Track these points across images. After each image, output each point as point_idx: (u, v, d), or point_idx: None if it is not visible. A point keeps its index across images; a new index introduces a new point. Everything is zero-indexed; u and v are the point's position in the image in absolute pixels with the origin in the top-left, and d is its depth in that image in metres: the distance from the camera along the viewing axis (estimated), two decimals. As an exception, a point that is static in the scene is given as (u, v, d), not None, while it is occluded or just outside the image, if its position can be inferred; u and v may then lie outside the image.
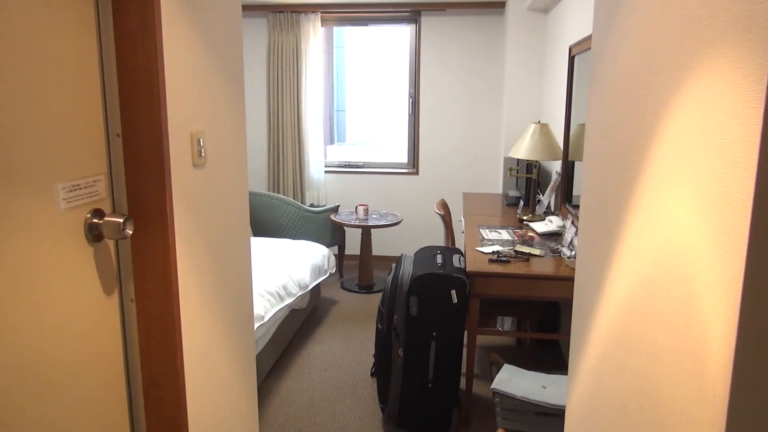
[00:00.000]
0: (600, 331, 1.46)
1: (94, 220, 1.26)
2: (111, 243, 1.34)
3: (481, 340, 3.82)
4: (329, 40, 9.74)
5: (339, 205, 4.91)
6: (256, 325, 2.86)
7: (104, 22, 1.27)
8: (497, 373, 2.43)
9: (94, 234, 1.27)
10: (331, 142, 8.54)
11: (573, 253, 2.74)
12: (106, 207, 1.32)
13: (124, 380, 1.40)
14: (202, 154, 1.51)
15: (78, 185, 1.21)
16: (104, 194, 1.31)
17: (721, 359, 0.81)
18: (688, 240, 0.92)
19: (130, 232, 1.28)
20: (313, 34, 5.00)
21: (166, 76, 1.32)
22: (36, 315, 1.11)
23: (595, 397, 1.48)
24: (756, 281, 0.75)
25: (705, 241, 0.86)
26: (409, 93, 5.23)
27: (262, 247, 3.96)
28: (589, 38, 3.01)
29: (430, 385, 2.74)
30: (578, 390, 1.67)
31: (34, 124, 1.09)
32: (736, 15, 0.79)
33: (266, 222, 4.76)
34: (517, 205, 4.11)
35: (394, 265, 3.00)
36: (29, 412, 1.09)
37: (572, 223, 3.12)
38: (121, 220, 1.26)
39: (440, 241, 5.41)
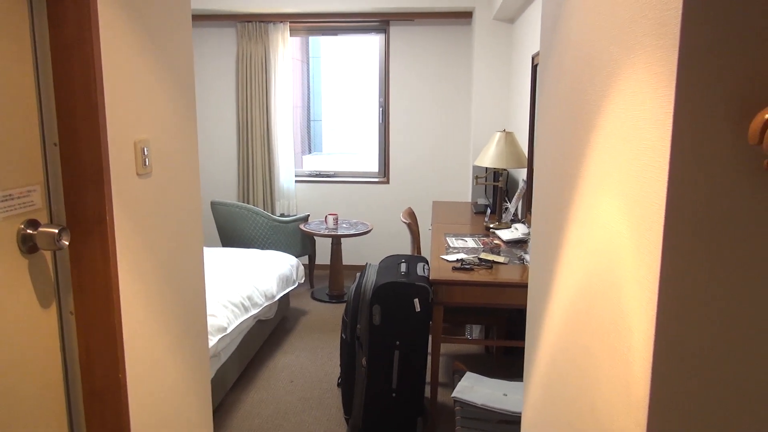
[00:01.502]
0: (548, 338, 1.46)
1: (28, 231, 1.23)
2: (48, 254, 1.31)
3: (450, 348, 3.82)
4: (304, 50, 9.75)
5: (309, 215, 4.89)
6: (218, 336, 2.82)
7: (39, 30, 1.24)
8: (459, 380, 2.42)
9: (28, 245, 1.24)
10: (308, 151, 8.53)
11: (535, 260, 2.75)
12: (43, 217, 1.29)
13: (64, 394, 1.37)
14: (147, 163, 1.48)
15: (10, 195, 1.18)
16: (40, 204, 1.28)
17: (643, 363, 0.81)
18: (615, 245, 0.93)
19: (66, 243, 1.25)
20: (282, 43, 5.00)
21: (105, 84, 1.30)
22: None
23: (545, 404, 1.48)
24: (672, 282, 0.76)
25: (629, 246, 0.87)
26: (379, 102, 5.24)
27: (228, 258, 3.92)
28: (549, 47, 3.04)
29: (394, 394, 2.72)
30: (531, 397, 1.67)
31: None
32: (652, 21, 0.80)
33: (235, 232, 4.72)
34: (485, 213, 4.13)
35: (358, 275, 2.99)
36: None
37: (536, 230, 3.13)
38: (56, 231, 1.23)
39: (409, 250, 5.41)
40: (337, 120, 13.34)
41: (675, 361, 0.78)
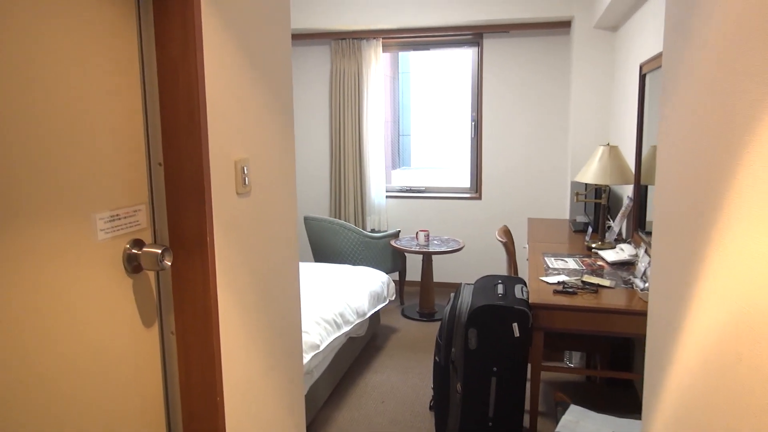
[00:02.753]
0: (678, 378, 1.29)
1: (133, 251, 1.23)
2: (151, 274, 1.31)
3: (547, 375, 3.61)
4: (394, 65, 9.81)
5: (400, 231, 4.84)
6: (311, 354, 2.80)
7: (147, 49, 1.25)
8: (562, 414, 2.25)
9: (132, 265, 1.24)
10: (396, 166, 8.53)
11: (647, 284, 2.53)
12: (147, 237, 1.29)
13: (164, 415, 1.36)
14: (246, 182, 1.47)
15: (117, 215, 1.19)
16: (145, 224, 1.28)
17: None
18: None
19: (169, 263, 1.24)
20: (375, 59, 5.01)
21: (208, 103, 1.29)
22: (75, 348, 1.08)
23: (673, 453, 1.31)
24: None
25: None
26: (472, 116, 5.13)
27: (320, 274, 3.93)
28: (659, 56, 2.82)
29: (490, 424, 2.58)
30: (653, 441, 1.50)
31: (75, 154, 1.08)
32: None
33: (327, 247, 4.74)
34: (585, 231, 3.90)
35: (452, 295, 2.88)
36: (58, 450, 1.06)
37: (645, 251, 2.90)
38: (160, 251, 1.22)
39: (503, 268, 5.22)
40: (426, 134, 13.31)
41: None
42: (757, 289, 0.87)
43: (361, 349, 3.95)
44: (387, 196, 5.32)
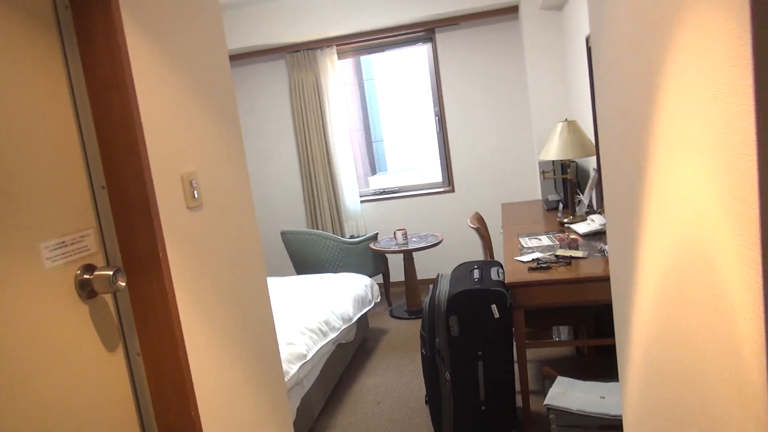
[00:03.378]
0: (640, 331, 1.32)
1: (85, 276, 1.23)
2: (108, 297, 1.30)
3: (539, 353, 3.63)
4: (358, 73, 9.84)
5: (377, 233, 4.84)
6: (299, 364, 2.79)
7: (75, 74, 1.25)
8: (550, 386, 2.27)
9: (86, 290, 1.23)
10: (374, 172, 8.55)
11: (616, 249, 2.56)
12: (99, 261, 1.29)
13: (141, 437, 1.35)
14: (196, 196, 1.47)
15: (64, 242, 1.19)
16: (95, 248, 1.28)
17: (753, 347, 0.68)
18: (702, 213, 0.80)
19: (123, 284, 1.24)
20: (331, 67, 5.03)
21: (144, 121, 1.30)
22: (39, 381, 1.07)
23: (647, 404, 1.33)
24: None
25: (718, 211, 0.74)
26: (435, 111, 5.16)
27: (302, 285, 3.92)
28: (603, 25, 2.87)
29: (483, 408, 2.59)
30: (629, 397, 1.52)
31: (12, 183, 1.07)
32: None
33: (307, 259, 4.74)
34: (557, 208, 3.94)
35: (431, 287, 2.89)
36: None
37: (614, 218, 2.94)
38: (111, 273, 1.22)
39: (482, 256, 5.25)
40: (398, 138, 13.35)
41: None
42: (682, 223, 0.89)
43: (352, 354, 3.95)
44: (362, 201, 5.33)
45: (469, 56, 4.93)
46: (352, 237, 5.24)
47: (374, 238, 4.76)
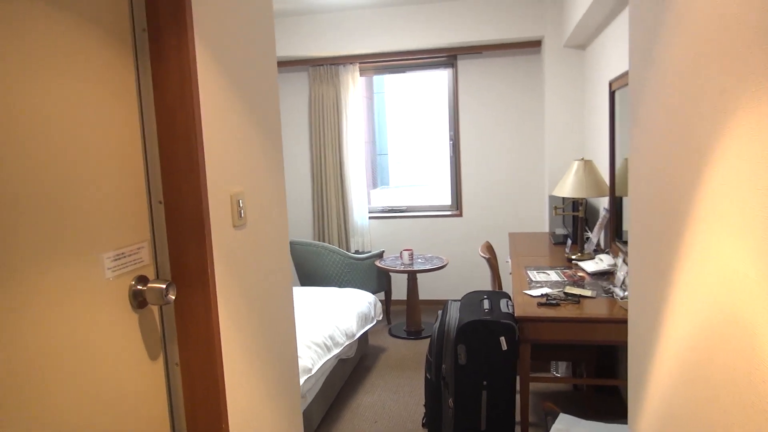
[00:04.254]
0: (659, 382, 1.38)
1: (138, 287, 1.28)
2: (155, 308, 1.36)
3: (535, 386, 3.68)
4: (369, 86, 9.93)
5: (384, 251, 4.90)
6: (304, 378, 2.84)
7: (144, 94, 1.32)
8: (552, 423, 2.32)
9: (138, 300, 1.29)
10: (375, 186, 8.60)
11: (626, 293, 2.63)
12: (150, 273, 1.34)
13: (171, 445, 1.40)
14: (242, 215, 1.53)
15: (123, 253, 1.24)
16: (148, 260, 1.33)
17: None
18: (743, 290, 0.87)
19: (173, 298, 1.30)
20: (353, 83, 5.11)
21: (204, 140, 1.36)
22: (86, 384, 1.12)
23: (659, 454, 1.39)
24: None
25: (763, 291, 0.81)
26: (450, 135, 5.25)
27: (308, 297, 3.97)
28: (626, 74, 2.96)
29: (483, 437, 2.64)
30: (640, 444, 1.58)
31: (81, 195, 1.13)
32: (777, 55, 0.76)
33: (312, 271, 4.79)
34: (564, 243, 4.01)
35: (440, 312, 2.95)
36: (76, 484, 1.10)
37: (624, 261, 3.01)
38: (164, 286, 1.28)
39: (486, 283, 5.31)
40: (403, 153, 13.43)
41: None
42: (719, 292, 0.96)
43: (351, 370, 3.99)
44: (369, 217, 5.39)
45: (489, 85, 5.02)
46: (357, 252, 5.29)
47: (380, 255, 4.82)
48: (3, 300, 0.95)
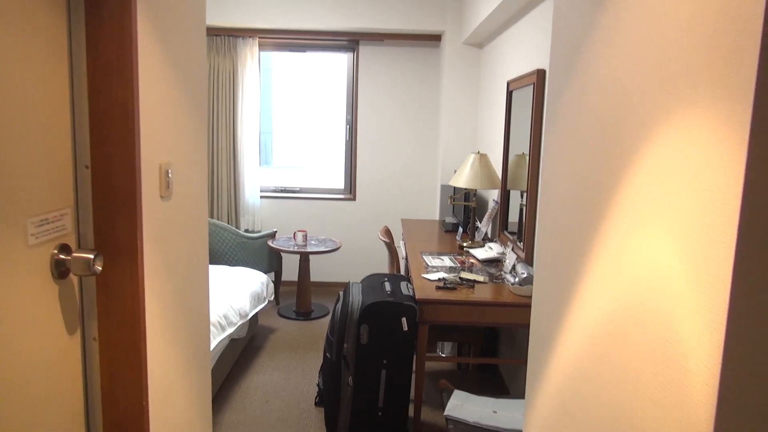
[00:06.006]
0: (564, 359, 1.52)
1: (61, 256, 1.20)
2: (75, 280, 1.27)
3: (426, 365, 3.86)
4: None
5: (276, 231, 4.85)
6: (199, 357, 2.76)
7: (77, 51, 1.22)
8: (448, 399, 2.46)
9: (60, 270, 1.20)
10: (258, 164, 8.42)
11: (517, 279, 2.84)
12: (72, 242, 1.25)
13: (84, 425, 1.33)
14: (170, 186, 1.47)
15: (47, 219, 1.15)
16: (70, 228, 1.24)
17: (704, 388, 0.88)
18: (664, 278, 1.00)
19: (100, 269, 1.22)
20: (251, 58, 4.97)
21: (141, 107, 1.29)
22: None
23: (560, 423, 1.54)
24: (740, 317, 0.83)
25: (684, 281, 0.94)
26: (347, 119, 5.28)
27: (199, 275, 3.84)
28: (526, 76, 3.17)
29: (380, 413, 2.73)
30: (539, 415, 1.73)
31: (5, 156, 1.03)
32: (713, 73, 0.88)
33: (201, 248, 4.62)
34: (455, 231, 4.21)
35: (341, 293, 3.00)
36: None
37: (512, 249, 3.23)
38: (92, 256, 1.20)
39: (379, 267, 5.44)
40: (289, 133, 13.24)
41: (743, 389, 0.85)
42: (638, 282, 1.09)
43: (241, 350, 3.92)
44: (261, 196, 5.30)
45: (390, 73, 5.11)
46: (247, 231, 5.18)
47: (273, 235, 4.76)
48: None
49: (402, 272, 4.29)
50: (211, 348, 2.95)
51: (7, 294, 1.05)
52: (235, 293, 3.59)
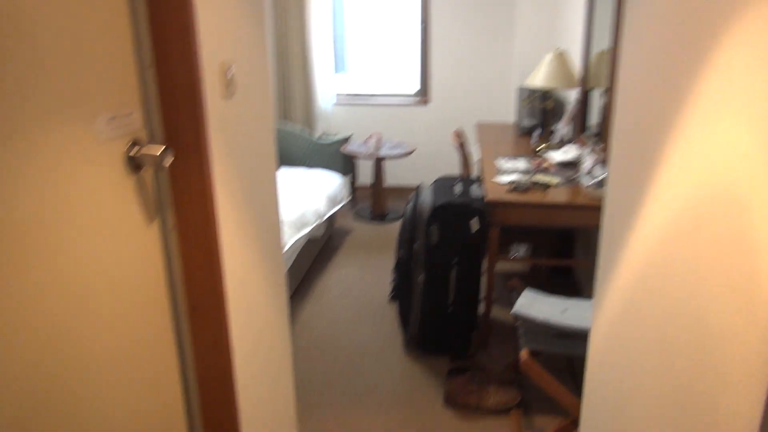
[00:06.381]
0: (634, 255, 1.48)
1: (133, 151, 1.26)
2: (149, 174, 1.34)
3: (498, 266, 3.89)
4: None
5: (351, 135, 4.87)
6: (277, 255, 2.91)
7: (133, -57, 1.22)
8: (518, 297, 2.49)
9: (133, 164, 1.27)
10: (331, 70, 8.34)
11: (593, 181, 2.74)
12: (142, 138, 1.31)
13: (169, 307, 1.45)
14: (231, 84, 1.49)
15: (114, 117, 1.21)
16: (140, 125, 1.30)
17: (773, 282, 0.83)
18: (743, 167, 0.92)
19: (169, 162, 1.28)
20: (321, -44, 4.81)
21: (198, 2, 1.29)
22: (82, 246, 1.13)
23: (626, 319, 1.52)
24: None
25: (764, 173, 0.86)
26: (421, 20, 5.08)
27: (278, 177, 3.97)
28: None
29: (450, 310, 2.81)
30: (606, 312, 1.72)
31: (74, 56, 1.07)
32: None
33: (279, 152, 4.75)
34: (531, 134, 4.08)
35: (413, 195, 3.01)
36: (76, 336, 1.14)
37: (591, 151, 3.10)
38: (160, 150, 1.26)
39: (453, 171, 5.40)
40: (363, 38, 12.95)
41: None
42: (715, 172, 1.02)
43: (318, 250, 4.09)
44: (335, 103, 5.30)
45: (464, -34, 4.82)
46: (321, 137, 5.24)
47: (347, 140, 4.80)
48: (4, 158, 0.93)
49: (474, 176, 4.24)
50: (288, 246, 3.10)
51: (87, 188, 1.13)
52: (311, 194, 3.70)
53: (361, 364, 2.85)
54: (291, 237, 3.18)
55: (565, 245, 3.62)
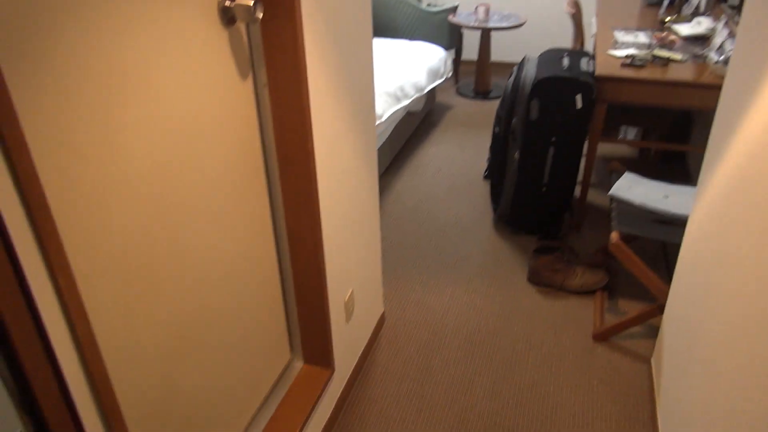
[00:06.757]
0: (744, 139, 1.35)
1: (226, 3, 1.28)
2: (242, 28, 1.36)
3: (601, 149, 3.70)
4: None
5: (458, 5, 4.62)
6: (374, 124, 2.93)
7: None
8: (617, 179, 2.38)
9: (226, 16, 1.29)
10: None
11: (723, 57, 2.46)
12: (235, -10, 1.32)
13: (262, 158, 1.52)
14: (326, -65, 1.43)
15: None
16: (233, -24, 1.30)
17: None
18: None
19: (261, 15, 1.29)
20: None
21: None
22: (178, 94, 1.19)
23: (725, 211, 1.42)
24: None
25: None
26: None
27: (379, 48, 3.90)
28: None
29: (543, 189, 2.75)
30: (707, 201, 1.61)
31: None
32: None
33: (382, 21, 4.62)
34: (659, 4, 3.66)
35: (516, 67, 2.87)
36: (178, 168, 1.23)
37: (725, 24, 2.76)
38: (252, 2, 1.26)
39: (565, 44, 5.03)
40: None
41: None
42: None
43: (417, 124, 4.07)
44: (445, -34, 4.98)
45: None
46: (429, 5, 5.01)
47: (454, 10, 4.56)
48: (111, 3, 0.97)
49: (587, 49, 3.92)
50: (386, 117, 3.10)
51: (183, 38, 1.17)
52: (412, 67, 3.62)
53: (450, 236, 2.91)
54: (389, 108, 3.17)
55: (680, 130, 3.35)
